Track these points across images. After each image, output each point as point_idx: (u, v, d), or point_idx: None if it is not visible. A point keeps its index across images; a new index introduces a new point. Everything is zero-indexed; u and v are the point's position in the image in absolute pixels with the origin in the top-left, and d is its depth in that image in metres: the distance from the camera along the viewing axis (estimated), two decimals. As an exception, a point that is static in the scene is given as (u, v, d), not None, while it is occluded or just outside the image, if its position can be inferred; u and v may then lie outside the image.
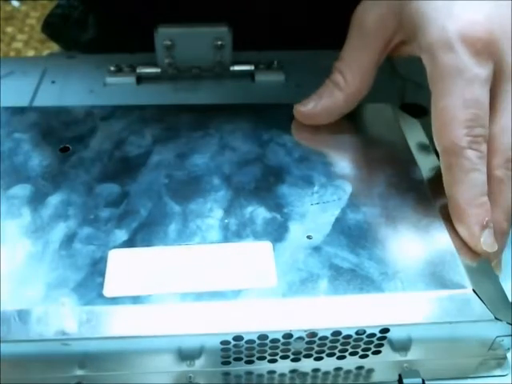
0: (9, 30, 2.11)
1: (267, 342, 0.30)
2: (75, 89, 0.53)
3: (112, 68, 0.54)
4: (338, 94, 0.40)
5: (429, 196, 0.36)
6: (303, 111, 0.41)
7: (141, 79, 0.54)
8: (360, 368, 0.32)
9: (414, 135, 0.42)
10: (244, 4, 0.56)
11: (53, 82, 0.54)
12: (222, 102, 0.48)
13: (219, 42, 0.51)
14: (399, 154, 0.39)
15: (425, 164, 0.39)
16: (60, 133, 0.40)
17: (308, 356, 0.31)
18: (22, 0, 2.18)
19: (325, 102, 0.41)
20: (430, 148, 0.41)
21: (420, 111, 0.49)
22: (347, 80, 0.40)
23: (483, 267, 0.33)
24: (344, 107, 0.41)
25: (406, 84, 0.53)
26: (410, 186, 0.37)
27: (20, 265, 0.32)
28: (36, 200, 0.35)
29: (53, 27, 0.70)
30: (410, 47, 0.38)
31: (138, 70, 0.54)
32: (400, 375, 0.32)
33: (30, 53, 2.03)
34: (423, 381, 0.32)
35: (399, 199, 0.36)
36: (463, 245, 0.34)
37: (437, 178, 0.38)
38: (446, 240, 0.34)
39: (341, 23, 0.60)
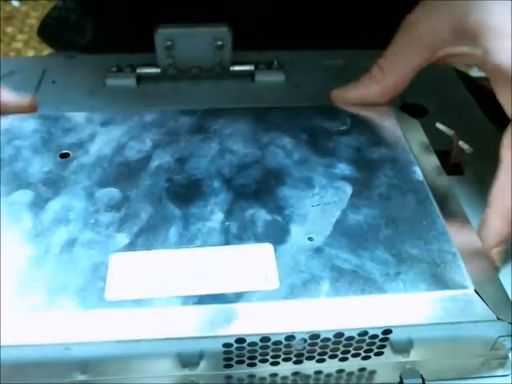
0: (9, 30, 2.11)
1: (269, 344, 0.30)
2: (75, 89, 0.53)
3: (112, 68, 0.54)
4: (375, 87, 0.42)
5: (429, 196, 0.36)
6: (338, 93, 0.43)
7: (141, 79, 0.54)
8: (362, 370, 0.32)
9: (414, 135, 0.42)
10: (244, 4, 0.56)
11: (53, 82, 0.54)
12: (222, 102, 0.48)
13: (219, 42, 0.51)
14: (399, 155, 0.39)
15: (425, 164, 0.39)
16: (60, 139, 0.40)
17: (310, 358, 0.31)
18: (22, 0, 2.18)
19: (360, 92, 0.42)
20: (430, 148, 0.41)
21: (420, 111, 0.49)
22: (386, 76, 0.42)
23: (485, 267, 0.33)
24: (377, 99, 0.43)
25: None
26: (410, 187, 0.37)
27: (21, 270, 0.32)
28: (37, 205, 0.35)
29: (49, 30, 0.70)
30: (467, 57, 0.39)
31: (138, 71, 0.54)
32: (401, 376, 0.32)
33: (30, 53, 2.02)
34: (423, 381, 0.32)
35: (400, 200, 0.36)
36: (465, 245, 0.34)
37: (437, 178, 0.38)
38: (447, 240, 0.34)
39: (341, 23, 0.61)
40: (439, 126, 0.44)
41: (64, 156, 0.39)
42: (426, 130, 0.43)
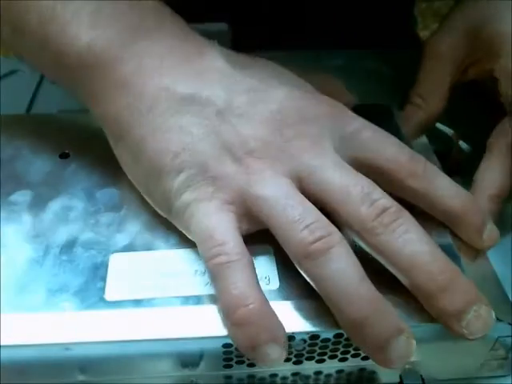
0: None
1: (269, 344, 0.30)
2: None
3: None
4: (421, 114, 0.44)
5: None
6: None
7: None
8: (362, 370, 0.32)
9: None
10: (244, 4, 0.56)
11: (53, 82, 0.54)
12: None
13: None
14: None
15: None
16: (60, 139, 0.40)
17: (310, 358, 0.31)
18: None
19: (409, 122, 0.44)
20: (430, 148, 0.41)
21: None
22: (427, 101, 0.44)
23: (484, 268, 0.33)
24: (424, 125, 0.44)
25: (406, 84, 0.53)
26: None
27: (21, 270, 0.32)
28: (36, 206, 0.35)
29: None
30: (482, 65, 0.44)
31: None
32: (400, 376, 0.32)
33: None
34: (423, 381, 0.32)
35: (399, 200, 0.36)
36: (464, 245, 0.34)
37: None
38: (446, 241, 0.34)
39: (341, 23, 0.60)
40: (439, 126, 0.44)
41: (64, 156, 0.39)
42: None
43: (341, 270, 0.29)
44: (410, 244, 0.30)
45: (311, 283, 0.30)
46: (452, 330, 0.29)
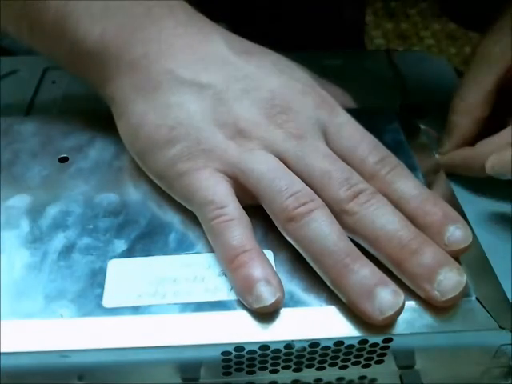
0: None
1: (268, 352, 0.30)
2: (75, 89, 0.53)
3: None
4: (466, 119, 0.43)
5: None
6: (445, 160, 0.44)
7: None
8: (362, 378, 0.32)
9: (414, 137, 0.42)
10: (244, 4, 0.56)
11: (53, 81, 0.54)
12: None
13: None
14: (399, 157, 0.39)
15: (425, 166, 0.39)
16: (59, 143, 0.40)
17: (310, 366, 0.31)
18: None
19: (455, 135, 0.43)
20: (430, 149, 0.41)
21: (420, 111, 0.49)
22: (470, 104, 0.43)
23: (486, 275, 0.33)
24: (474, 130, 0.43)
25: (406, 84, 0.53)
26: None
27: (19, 276, 0.32)
28: (35, 210, 0.35)
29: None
30: None
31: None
32: (400, 376, 0.32)
33: (30, 52, 2.01)
34: None
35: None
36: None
37: (437, 180, 0.38)
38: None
39: (340, 23, 0.60)
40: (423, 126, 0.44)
41: (63, 160, 0.39)
42: (426, 131, 0.43)
43: (320, 227, 0.31)
44: (381, 217, 0.32)
45: (295, 245, 0.32)
46: (424, 294, 0.30)
